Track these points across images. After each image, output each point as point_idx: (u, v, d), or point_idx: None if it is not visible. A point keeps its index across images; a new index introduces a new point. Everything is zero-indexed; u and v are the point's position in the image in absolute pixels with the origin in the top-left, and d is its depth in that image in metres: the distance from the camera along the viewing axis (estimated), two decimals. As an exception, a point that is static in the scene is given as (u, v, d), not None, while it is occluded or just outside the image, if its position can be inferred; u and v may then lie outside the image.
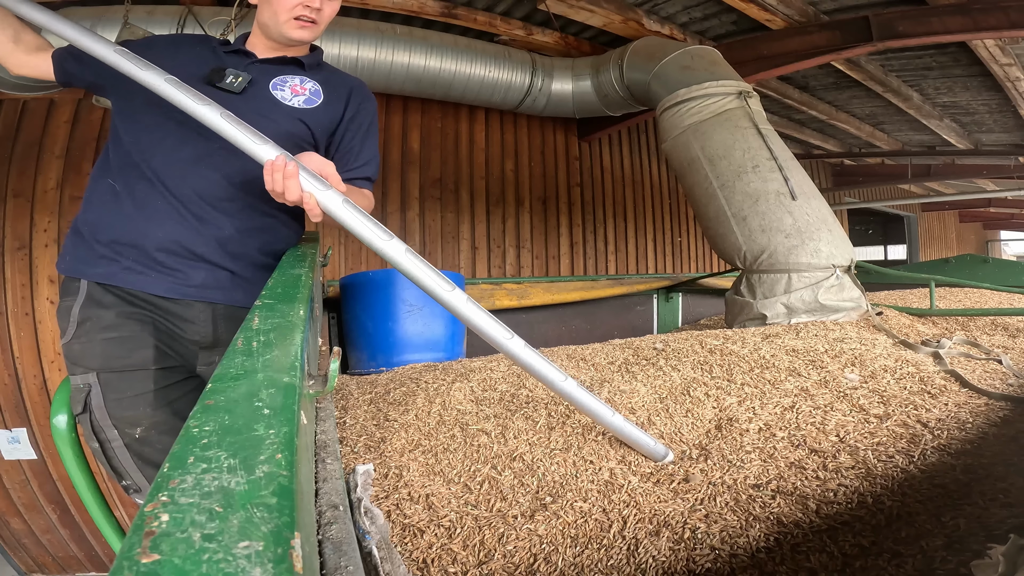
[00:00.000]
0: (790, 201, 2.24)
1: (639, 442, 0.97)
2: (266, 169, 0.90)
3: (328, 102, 1.21)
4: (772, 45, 3.40)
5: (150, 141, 1.08)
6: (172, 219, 1.07)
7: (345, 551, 0.54)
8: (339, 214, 0.89)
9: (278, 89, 1.17)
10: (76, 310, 1.07)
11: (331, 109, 1.21)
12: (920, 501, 0.81)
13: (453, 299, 0.85)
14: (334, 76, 1.27)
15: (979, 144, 5.93)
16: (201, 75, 1.12)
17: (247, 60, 1.19)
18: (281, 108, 1.15)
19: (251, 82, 1.14)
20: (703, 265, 5.60)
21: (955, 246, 11.14)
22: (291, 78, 1.19)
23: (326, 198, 0.89)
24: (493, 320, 0.86)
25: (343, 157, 1.22)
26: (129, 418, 1.04)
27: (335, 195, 0.89)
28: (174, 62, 1.13)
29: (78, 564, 3.20)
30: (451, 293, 0.85)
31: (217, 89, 1.11)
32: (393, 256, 0.86)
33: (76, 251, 1.10)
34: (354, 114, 1.24)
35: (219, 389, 0.45)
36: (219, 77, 1.12)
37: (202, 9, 2.69)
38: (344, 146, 1.23)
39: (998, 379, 1.40)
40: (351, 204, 0.89)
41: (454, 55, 3.28)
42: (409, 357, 2.13)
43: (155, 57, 1.12)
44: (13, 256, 2.87)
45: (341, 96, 1.23)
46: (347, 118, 1.23)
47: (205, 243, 1.09)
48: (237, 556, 0.26)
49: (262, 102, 1.14)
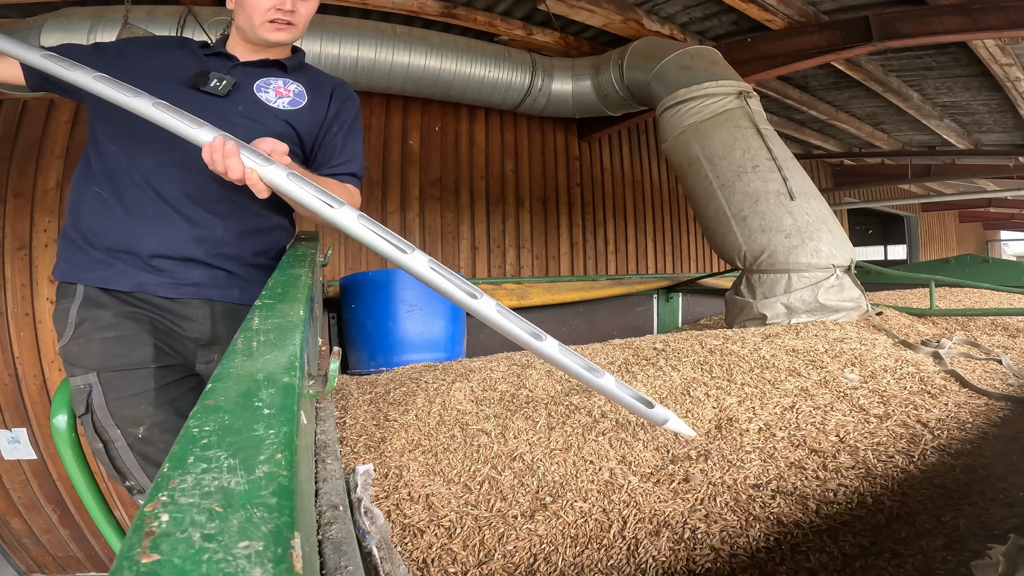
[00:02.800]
0: (790, 201, 2.24)
1: (632, 407, 0.96)
2: (204, 151, 0.89)
3: (312, 103, 1.21)
4: (772, 45, 3.40)
5: (137, 146, 1.08)
6: (164, 223, 1.07)
7: (345, 551, 0.53)
8: (285, 187, 0.87)
9: (262, 91, 1.17)
10: (74, 311, 1.07)
11: (316, 110, 1.21)
12: (920, 501, 0.81)
13: (410, 260, 0.84)
14: (317, 77, 1.27)
15: (979, 144, 5.93)
16: (184, 79, 1.12)
17: (230, 63, 1.18)
18: (267, 110, 1.15)
19: (235, 85, 1.13)
20: (703, 265, 5.60)
21: (955, 246, 11.14)
22: (274, 80, 1.19)
23: (270, 172, 0.88)
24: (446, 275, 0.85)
25: (326, 154, 1.22)
26: (131, 417, 1.04)
27: (279, 168, 0.88)
28: (153, 64, 1.13)
29: (78, 564, 3.20)
30: (408, 255, 0.84)
31: (202, 92, 1.10)
32: (345, 223, 0.84)
33: (71, 257, 1.10)
34: (336, 111, 1.24)
35: (219, 389, 0.45)
36: (203, 80, 1.12)
37: (202, 9, 2.69)
38: (327, 143, 1.23)
39: (998, 379, 1.40)
40: (298, 177, 0.88)
41: (454, 55, 3.28)
42: (409, 357, 2.13)
43: (130, 60, 1.12)
44: (13, 256, 2.88)
45: (324, 96, 1.23)
46: (330, 116, 1.23)
47: (198, 246, 1.09)
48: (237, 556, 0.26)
49: (248, 105, 1.14)
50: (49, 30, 2.55)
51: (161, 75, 1.12)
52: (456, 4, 3.17)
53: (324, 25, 2.93)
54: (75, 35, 2.55)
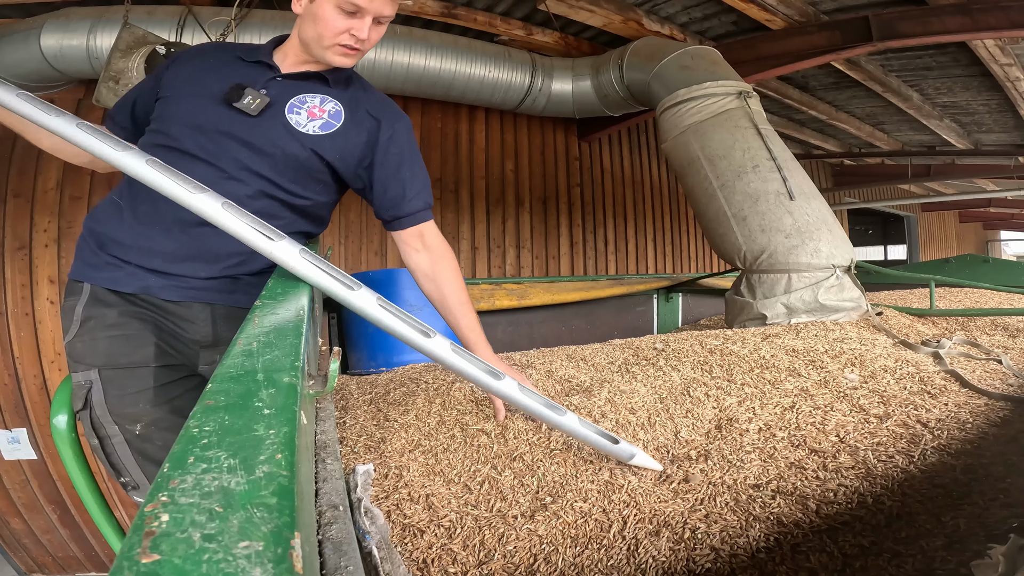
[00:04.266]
0: (790, 201, 2.24)
1: (596, 444, 0.93)
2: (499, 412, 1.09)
3: (349, 125, 1.14)
4: (772, 45, 3.40)
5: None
6: (174, 236, 1.08)
7: (345, 551, 0.53)
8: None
9: (294, 112, 1.11)
10: (80, 308, 1.08)
11: (351, 133, 1.14)
12: (920, 501, 0.81)
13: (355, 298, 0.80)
14: (361, 95, 1.19)
15: (979, 144, 5.93)
16: (220, 93, 1.09)
17: (270, 74, 1.13)
18: (293, 136, 1.10)
19: (268, 104, 1.09)
20: (703, 265, 5.60)
21: (955, 246, 11.14)
22: (311, 97, 1.13)
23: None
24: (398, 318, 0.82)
25: (394, 187, 1.16)
26: (130, 414, 1.05)
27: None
28: (189, 72, 1.14)
29: (78, 564, 3.20)
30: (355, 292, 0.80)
31: (233, 109, 1.08)
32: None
33: (83, 256, 1.12)
34: (391, 135, 1.16)
35: (219, 389, 0.45)
36: (237, 96, 1.08)
37: (202, 9, 2.70)
38: (398, 177, 1.16)
39: (998, 379, 1.40)
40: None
41: (454, 55, 3.28)
42: (409, 357, 2.13)
43: (175, 72, 1.14)
44: (13, 256, 2.88)
45: (365, 119, 1.16)
46: (384, 139, 1.16)
47: (205, 261, 1.10)
48: (237, 556, 0.26)
49: (274, 128, 1.10)
50: (49, 30, 2.55)
51: (194, 81, 1.11)
52: (456, 4, 3.18)
53: (324, 25, 2.93)
54: (75, 35, 2.55)
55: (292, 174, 1.12)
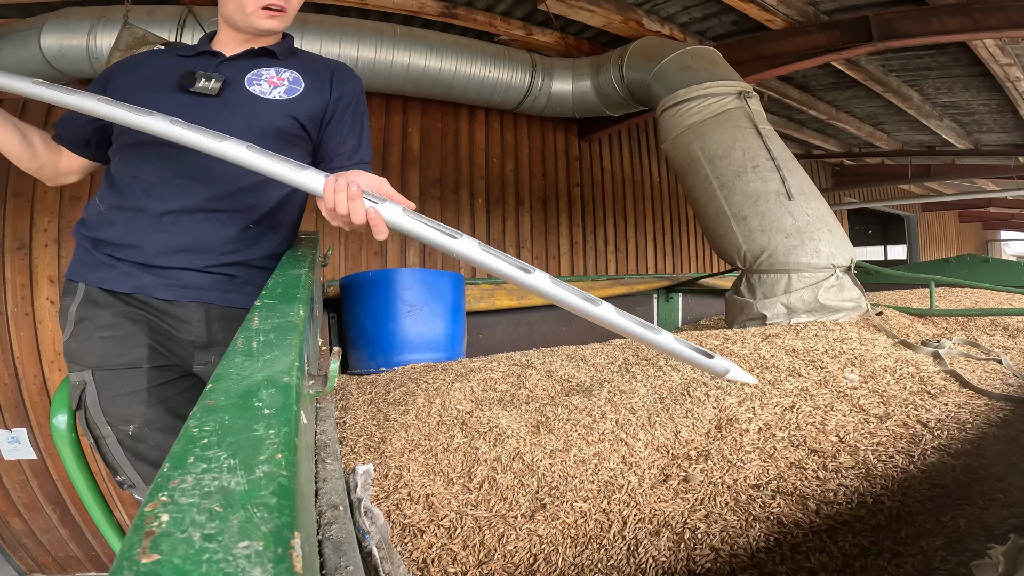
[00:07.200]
0: (790, 201, 2.24)
1: (691, 359, 0.89)
2: (326, 194, 0.84)
3: (310, 88, 1.15)
4: (772, 45, 3.40)
5: (138, 156, 1.09)
6: (165, 231, 1.07)
7: (345, 551, 0.53)
8: (404, 224, 0.83)
9: (255, 84, 1.12)
10: (73, 309, 1.08)
11: (315, 94, 1.16)
12: (920, 501, 0.81)
13: (535, 280, 0.80)
14: (313, 61, 1.21)
15: (979, 144, 5.93)
16: (170, 84, 1.09)
17: (215, 60, 1.14)
18: (263, 104, 1.11)
19: (225, 82, 1.10)
20: (703, 265, 5.60)
21: (955, 246, 11.14)
22: (266, 71, 1.14)
23: (388, 211, 0.83)
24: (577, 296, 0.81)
25: (334, 143, 1.18)
26: (123, 415, 1.05)
27: (392, 205, 0.84)
28: (137, 76, 1.13)
29: (78, 564, 3.20)
30: (530, 276, 0.80)
31: (192, 94, 1.08)
32: (467, 253, 0.81)
33: (79, 256, 1.12)
34: (339, 95, 1.18)
35: (219, 389, 0.45)
36: (190, 81, 1.08)
37: (202, 9, 2.69)
38: (334, 131, 1.18)
39: (998, 379, 1.40)
40: (413, 213, 0.85)
41: (454, 55, 3.28)
42: (409, 357, 2.13)
43: (117, 85, 1.12)
44: (13, 256, 2.87)
45: (324, 79, 1.18)
46: (332, 100, 1.17)
47: (199, 252, 1.09)
48: (237, 556, 0.26)
49: (242, 101, 1.10)
50: (49, 30, 2.55)
51: (144, 84, 1.10)
52: (456, 4, 3.18)
53: (324, 25, 2.93)
54: (75, 35, 2.55)
55: (270, 142, 1.08)
